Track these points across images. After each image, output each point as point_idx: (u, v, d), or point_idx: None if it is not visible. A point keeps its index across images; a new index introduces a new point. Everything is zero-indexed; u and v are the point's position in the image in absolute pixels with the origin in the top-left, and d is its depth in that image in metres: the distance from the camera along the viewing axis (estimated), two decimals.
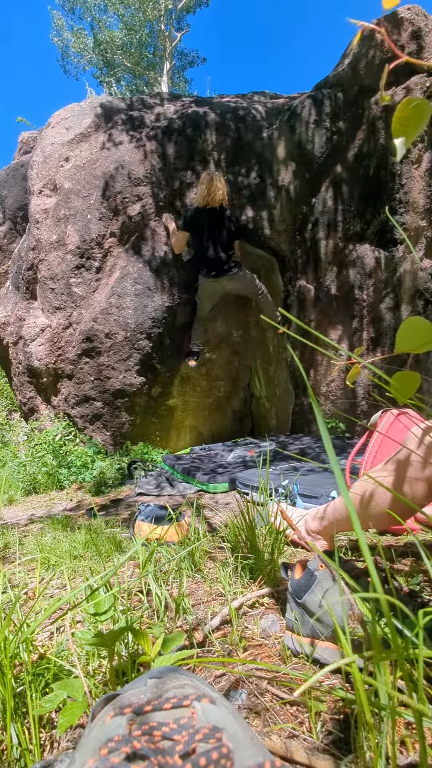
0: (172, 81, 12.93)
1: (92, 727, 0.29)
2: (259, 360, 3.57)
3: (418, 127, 0.39)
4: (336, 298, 3.17)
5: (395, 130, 0.40)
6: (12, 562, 1.23)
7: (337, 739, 0.46)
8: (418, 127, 0.39)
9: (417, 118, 0.39)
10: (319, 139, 3.06)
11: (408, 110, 0.39)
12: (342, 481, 0.26)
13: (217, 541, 1.12)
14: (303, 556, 1.04)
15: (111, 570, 0.60)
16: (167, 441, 3.43)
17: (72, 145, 3.43)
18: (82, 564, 1.09)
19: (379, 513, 0.84)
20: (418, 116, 0.39)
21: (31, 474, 2.92)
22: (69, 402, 3.35)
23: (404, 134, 0.40)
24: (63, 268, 3.22)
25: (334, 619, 0.45)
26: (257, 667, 0.60)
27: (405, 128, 0.39)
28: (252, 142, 3.31)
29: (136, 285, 3.10)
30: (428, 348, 0.44)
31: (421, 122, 0.39)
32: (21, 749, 0.47)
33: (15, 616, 0.64)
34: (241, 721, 0.29)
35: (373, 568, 0.27)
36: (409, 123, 0.39)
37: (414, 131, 0.40)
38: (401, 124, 0.39)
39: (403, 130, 0.40)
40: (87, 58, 12.27)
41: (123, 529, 1.55)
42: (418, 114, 0.39)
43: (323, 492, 1.63)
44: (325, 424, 1.77)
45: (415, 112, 0.39)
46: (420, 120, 0.39)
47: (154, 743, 0.25)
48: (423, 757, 0.29)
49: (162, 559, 1.02)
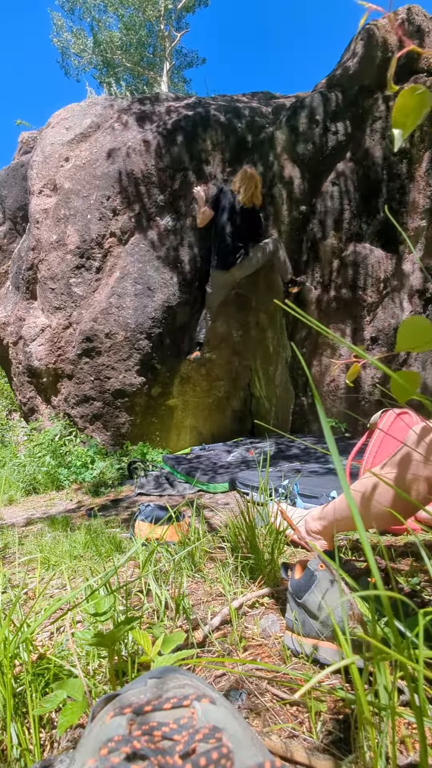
0: (172, 81, 12.93)
1: (92, 727, 0.29)
2: (259, 360, 3.57)
3: (418, 117, 0.39)
4: (336, 297, 3.17)
5: (395, 120, 0.40)
6: (12, 562, 1.22)
7: (337, 739, 0.45)
8: (418, 117, 0.39)
9: (417, 108, 0.39)
10: (319, 139, 3.06)
11: (409, 99, 0.38)
12: (344, 480, 0.26)
13: (217, 541, 1.12)
14: (303, 556, 1.04)
15: (111, 570, 0.60)
16: (167, 441, 3.43)
17: (72, 145, 3.43)
18: (82, 564, 1.09)
19: (379, 512, 0.84)
20: (418, 106, 0.39)
21: (31, 474, 2.92)
22: (69, 402, 3.35)
23: (404, 125, 0.40)
24: (63, 268, 3.22)
25: (334, 619, 0.45)
26: (257, 667, 0.59)
27: (405, 118, 0.39)
28: (252, 141, 3.31)
29: (136, 285, 3.10)
30: (429, 347, 0.44)
31: (421, 112, 0.39)
32: (21, 749, 0.47)
33: (15, 616, 0.64)
34: (241, 721, 0.29)
35: (375, 567, 0.27)
36: (409, 113, 0.39)
37: (413, 122, 0.39)
38: (402, 113, 0.39)
39: (403, 120, 0.39)
40: (87, 58, 12.27)
41: (123, 529, 1.55)
42: (419, 103, 0.38)
43: (323, 492, 1.63)
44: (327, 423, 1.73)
45: (417, 101, 0.38)
46: (420, 110, 0.39)
47: (154, 743, 0.25)
48: (423, 757, 0.29)
49: (162, 559, 1.02)
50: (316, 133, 3.05)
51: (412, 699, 0.32)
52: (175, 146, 3.15)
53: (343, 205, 3.08)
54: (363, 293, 3.10)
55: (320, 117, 3.05)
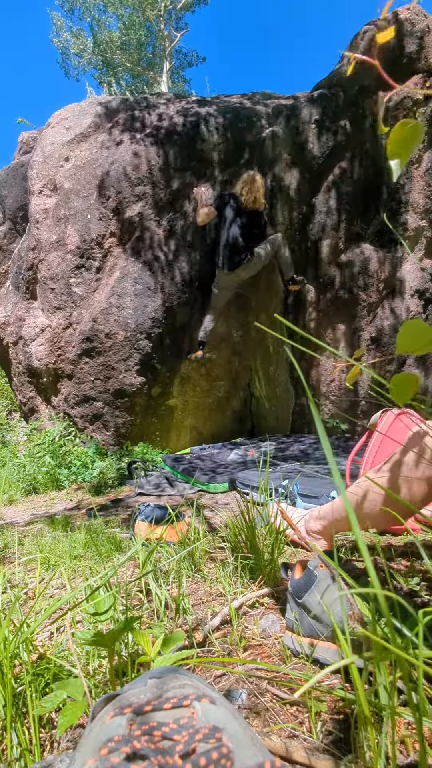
0: (172, 81, 12.93)
1: (92, 727, 0.29)
2: (259, 360, 3.57)
3: (412, 148, 0.41)
4: (336, 297, 3.17)
5: (390, 151, 0.42)
6: (12, 562, 1.23)
7: (337, 739, 0.46)
8: (412, 148, 0.41)
9: (411, 140, 0.41)
10: (319, 139, 3.06)
11: (403, 132, 0.41)
12: (341, 482, 0.26)
13: (217, 541, 1.12)
14: (303, 556, 1.04)
15: (111, 570, 0.60)
16: (167, 441, 3.43)
17: (72, 145, 3.43)
18: (82, 564, 1.09)
19: (378, 512, 0.84)
20: (412, 138, 0.41)
21: (31, 474, 2.92)
22: (69, 402, 3.35)
23: (399, 155, 0.42)
24: (63, 268, 3.22)
25: (334, 619, 0.45)
26: (257, 667, 0.60)
27: (400, 150, 0.41)
28: (252, 142, 3.31)
29: (136, 285, 3.10)
30: (428, 350, 0.44)
31: (414, 144, 0.41)
32: (21, 749, 0.47)
33: (15, 616, 0.64)
34: (241, 721, 0.29)
35: (372, 568, 0.27)
36: (404, 145, 0.41)
37: (408, 152, 0.42)
38: (396, 145, 0.41)
39: (398, 151, 0.41)
40: (87, 58, 12.27)
41: (123, 529, 1.55)
42: (412, 136, 0.41)
43: (323, 492, 1.63)
44: (324, 425, 1.76)
45: (410, 133, 0.41)
46: (413, 141, 0.41)
47: (154, 743, 0.25)
48: (423, 757, 0.29)
49: (162, 559, 1.02)
50: (315, 133, 3.05)
51: (410, 698, 0.32)
52: (175, 146, 3.15)
53: (342, 205, 3.08)
54: (362, 293, 3.10)
55: (320, 117, 3.05)
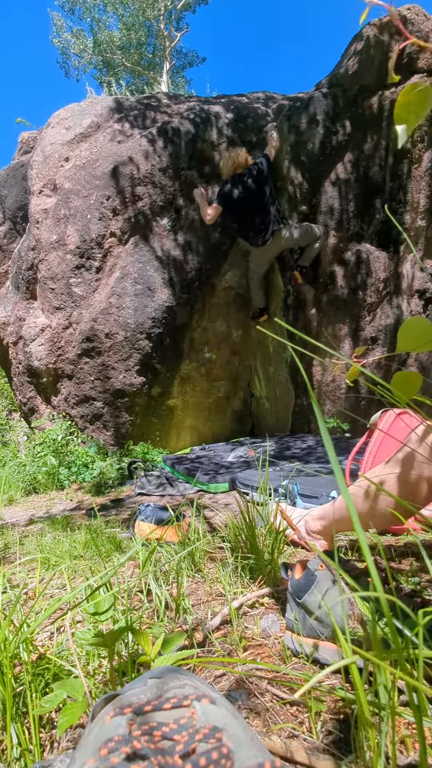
0: (172, 81, 12.93)
1: (92, 727, 0.29)
2: (259, 360, 3.57)
3: (421, 113, 0.39)
4: (337, 297, 3.17)
5: (398, 116, 0.40)
6: (12, 562, 1.22)
7: (337, 739, 0.45)
8: (421, 113, 0.39)
9: (420, 104, 0.39)
10: (319, 139, 3.06)
11: (411, 95, 0.38)
12: (342, 481, 0.26)
13: (217, 541, 1.12)
14: (303, 556, 1.04)
15: (111, 570, 0.60)
16: (167, 441, 3.43)
17: (72, 145, 3.43)
18: (82, 564, 1.09)
19: (379, 512, 0.84)
20: (421, 102, 0.39)
21: (31, 474, 2.92)
22: (69, 402, 3.35)
23: (407, 121, 0.39)
24: (63, 268, 3.22)
25: (334, 620, 0.45)
26: (257, 667, 0.59)
27: (408, 114, 0.39)
28: (253, 141, 3.31)
29: (136, 285, 3.10)
30: (429, 348, 0.44)
31: (423, 108, 0.39)
32: (21, 749, 0.47)
33: (15, 616, 0.64)
34: (241, 721, 0.29)
35: (374, 568, 0.27)
36: (411, 109, 0.39)
37: (416, 118, 0.40)
38: (404, 109, 0.39)
39: (406, 116, 0.39)
40: (87, 58, 12.27)
41: (123, 529, 1.55)
42: (421, 99, 0.38)
43: (323, 492, 1.63)
44: (326, 424, 1.76)
45: (419, 97, 0.38)
46: (423, 106, 0.39)
47: (154, 743, 0.25)
48: (423, 757, 0.29)
49: (162, 559, 1.02)
50: (316, 133, 3.05)
51: (411, 699, 0.32)
52: (176, 146, 3.15)
53: (343, 204, 3.08)
54: (363, 293, 3.10)
55: (320, 117, 3.05)
